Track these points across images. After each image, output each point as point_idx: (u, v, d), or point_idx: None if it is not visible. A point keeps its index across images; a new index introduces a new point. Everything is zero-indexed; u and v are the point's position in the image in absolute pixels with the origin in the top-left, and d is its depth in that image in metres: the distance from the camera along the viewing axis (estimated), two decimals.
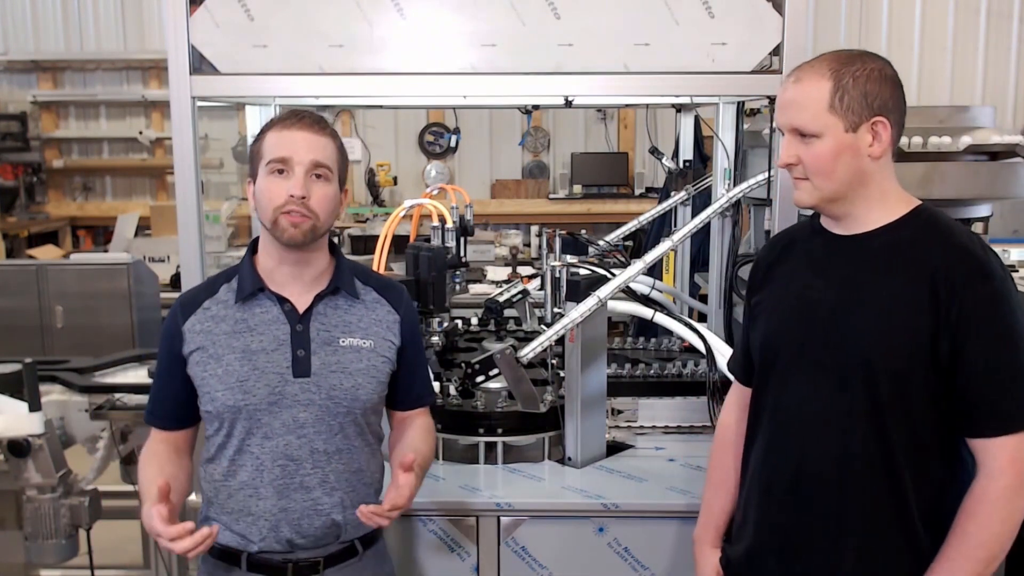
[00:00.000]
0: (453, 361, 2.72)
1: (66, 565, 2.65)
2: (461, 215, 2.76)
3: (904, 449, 1.55)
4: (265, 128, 1.74)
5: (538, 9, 2.21)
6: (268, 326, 1.74)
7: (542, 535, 2.15)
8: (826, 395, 1.61)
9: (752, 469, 1.76)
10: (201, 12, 2.22)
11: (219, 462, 1.76)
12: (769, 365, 1.72)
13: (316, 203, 1.69)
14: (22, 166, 7.18)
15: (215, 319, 1.75)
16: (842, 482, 1.60)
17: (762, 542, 1.72)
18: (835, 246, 1.65)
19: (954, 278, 1.50)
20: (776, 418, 1.69)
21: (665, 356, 2.95)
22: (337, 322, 1.78)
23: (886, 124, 1.56)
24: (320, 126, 1.72)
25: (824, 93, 1.55)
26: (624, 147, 7.25)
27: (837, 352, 1.59)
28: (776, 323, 1.72)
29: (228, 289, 1.78)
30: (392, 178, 6.98)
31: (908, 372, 1.53)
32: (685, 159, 3.53)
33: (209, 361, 1.72)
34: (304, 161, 1.68)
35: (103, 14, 7.25)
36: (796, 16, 2.19)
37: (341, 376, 1.75)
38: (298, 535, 1.74)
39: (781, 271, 1.75)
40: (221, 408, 1.71)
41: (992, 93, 6.94)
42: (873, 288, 1.57)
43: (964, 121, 2.53)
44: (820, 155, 1.57)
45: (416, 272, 2.34)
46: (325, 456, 1.74)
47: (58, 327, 4.95)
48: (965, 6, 6.88)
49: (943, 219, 1.61)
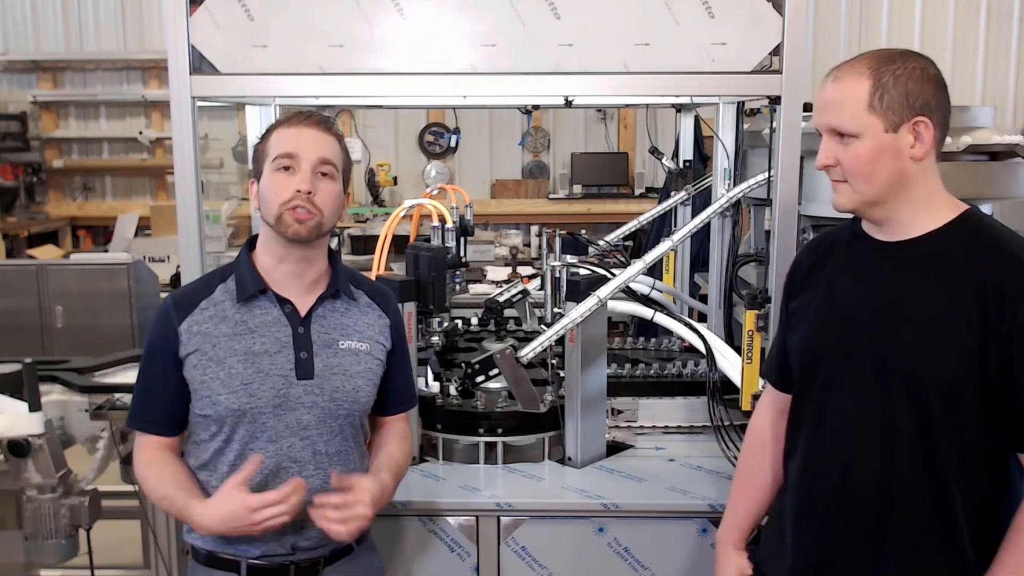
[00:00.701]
0: (453, 361, 2.72)
1: (66, 565, 2.64)
2: (461, 215, 2.75)
3: (952, 467, 1.49)
4: (271, 128, 1.75)
5: (538, 9, 2.21)
6: (269, 328, 1.73)
7: (542, 535, 2.15)
8: (870, 409, 1.55)
9: (792, 479, 1.70)
10: (201, 12, 2.22)
11: (216, 468, 1.73)
12: (810, 374, 1.65)
13: (321, 200, 1.69)
14: (22, 166, 7.18)
15: (214, 320, 1.73)
16: (886, 500, 1.54)
17: (797, 557, 1.66)
18: (878, 253, 1.59)
19: (1004, 289, 1.44)
20: (817, 430, 1.64)
21: (665, 356, 2.95)
22: (335, 325, 1.78)
23: (928, 124, 1.50)
24: (326, 125, 1.74)
25: (863, 92, 1.50)
26: (624, 147, 7.26)
27: (881, 365, 1.53)
28: (817, 331, 1.65)
29: (225, 289, 1.76)
30: (392, 178, 6.99)
31: (956, 386, 1.47)
32: (685, 159, 3.52)
33: (209, 364, 1.70)
34: (311, 158, 1.69)
35: (103, 14, 7.25)
36: (796, 16, 2.19)
37: (343, 378, 1.76)
38: (300, 537, 1.74)
39: (821, 276, 1.68)
40: (224, 411, 1.69)
41: (992, 93, 6.94)
42: (918, 298, 1.51)
43: (964, 121, 2.53)
44: (859, 156, 1.52)
45: (416, 272, 2.33)
46: (327, 457, 1.75)
47: (58, 327, 4.95)
48: (965, 6, 6.88)
49: (991, 225, 1.55)
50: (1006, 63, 6.94)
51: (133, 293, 4.95)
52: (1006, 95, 6.95)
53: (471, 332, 3.10)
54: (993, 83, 6.96)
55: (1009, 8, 6.89)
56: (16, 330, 4.87)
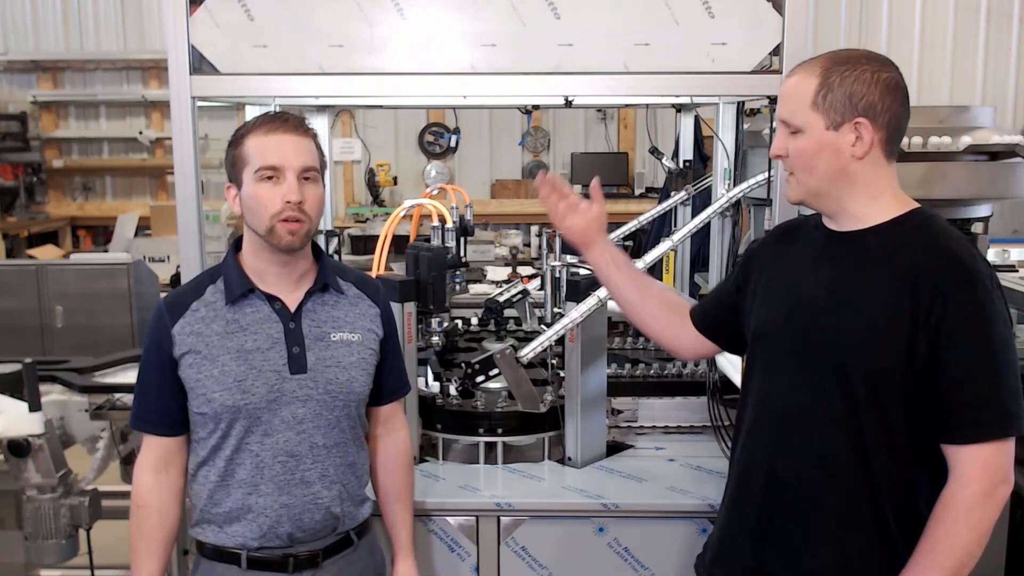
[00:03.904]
0: (453, 361, 2.72)
1: (66, 565, 2.64)
2: (461, 215, 2.75)
3: (879, 451, 1.55)
4: (243, 132, 1.73)
5: (538, 9, 2.21)
6: (260, 325, 1.75)
7: (542, 535, 2.15)
8: (804, 392, 1.62)
9: (735, 453, 1.78)
10: (201, 12, 2.22)
11: (214, 464, 1.75)
12: (756, 354, 1.74)
13: (309, 206, 1.71)
14: (22, 166, 7.19)
15: (205, 320, 1.74)
16: (815, 479, 1.61)
17: (736, 528, 1.74)
18: (830, 242, 1.66)
19: (937, 282, 1.50)
20: (757, 408, 1.72)
21: (665, 356, 2.95)
22: (326, 318, 1.80)
23: (868, 126, 1.56)
24: (303, 128, 1.73)
25: (810, 90, 1.57)
26: (624, 147, 7.26)
27: (816, 350, 1.60)
28: (768, 314, 1.73)
29: (215, 290, 1.77)
30: (392, 178, 6.99)
31: (884, 374, 1.53)
32: (685, 159, 3.53)
33: (203, 363, 1.72)
34: (295, 167, 1.69)
35: (103, 14, 7.26)
36: (796, 16, 2.19)
37: (336, 370, 1.77)
38: (298, 529, 1.75)
39: (781, 259, 1.75)
40: (219, 409, 1.71)
41: (992, 93, 6.94)
42: (858, 287, 1.58)
43: (964, 121, 2.53)
44: (802, 150, 1.60)
45: (416, 272, 2.33)
46: (324, 450, 1.77)
47: (58, 327, 4.95)
48: (965, 6, 6.88)
49: (936, 222, 1.60)
50: (1006, 63, 6.95)
51: (133, 293, 4.95)
52: (1006, 95, 6.96)
53: (471, 332, 3.10)
54: (993, 83, 6.97)
55: (1009, 8, 6.89)
56: (16, 330, 4.87)
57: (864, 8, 6.93)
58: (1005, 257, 4.51)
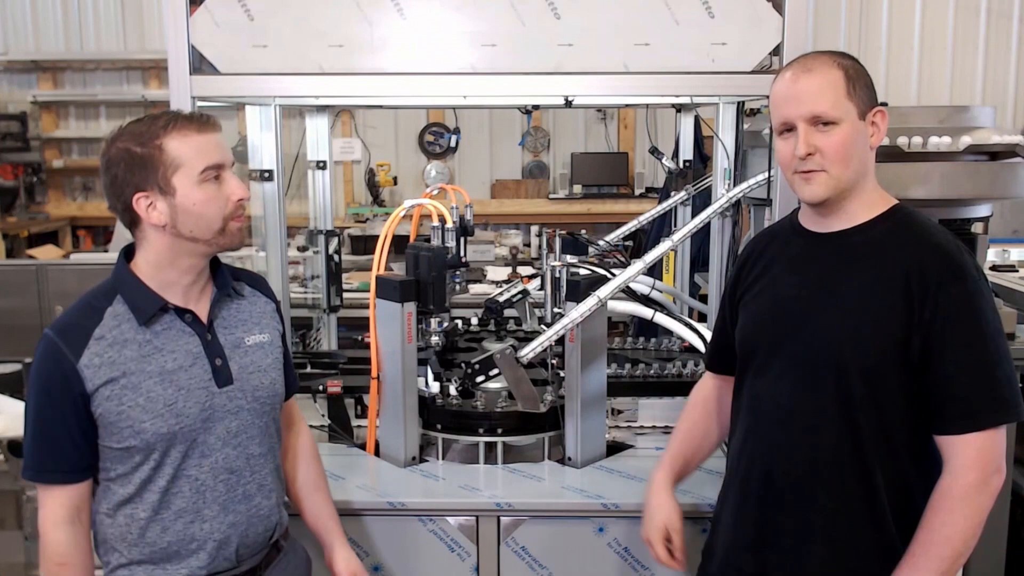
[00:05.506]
0: (453, 361, 2.71)
1: None
2: (461, 215, 2.75)
3: (875, 447, 1.57)
4: (155, 134, 1.61)
5: (538, 9, 2.21)
6: (176, 341, 1.65)
7: (542, 535, 2.15)
8: (798, 393, 1.63)
9: (732, 461, 1.79)
10: (201, 12, 2.22)
11: (142, 499, 1.63)
12: (747, 362, 1.74)
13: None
14: (22, 166, 7.18)
15: (115, 347, 1.60)
16: (812, 479, 1.62)
17: (738, 535, 1.74)
18: (813, 244, 1.67)
19: (928, 277, 1.52)
20: (752, 414, 1.72)
21: (665, 356, 2.95)
22: (236, 323, 1.75)
23: (884, 115, 1.59)
24: (215, 123, 1.68)
25: (840, 80, 1.57)
26: (624, 147, 7.26)
27: (809, 350, 1.61)
28: (754, 321, 1.74)
29: (115, 312, 1.63)
30: (392, 178, 6.98)
31: (879, 370, 1.55)
32: (685, 159, 3.53)
33: (125, 393, 1.59)
34: (228, 162, 1.66)
35: (103, 14, 7.26)
36: (796, 16, 2.19)
37: (259, 375, 1.74)
38: (244, 546, 1.72)
39: (761, 269, 1.76)
40: (152, 438, 1.60)
41: (992, 93, 6.94)
42: (847, 286, 1.59)
43: (964, 121, 2.53)
44: (841, 142, 1.57)
45: (416, 272, 2.33)
46: (261, 459, 1.75)
47: None
48: (965, 6, 6.88)
49: (919, 218, 1.62)
50: (1006, 63, 6.95)
51: None
52: (1006, 95, 6.96)
53: (471, 332, 3.10)
54: (993, 83, 6.97)
55: (1009, 8, 6.89)
56: (16, 330, 4.86)
57: (864, 8, 6.93)
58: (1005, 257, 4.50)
